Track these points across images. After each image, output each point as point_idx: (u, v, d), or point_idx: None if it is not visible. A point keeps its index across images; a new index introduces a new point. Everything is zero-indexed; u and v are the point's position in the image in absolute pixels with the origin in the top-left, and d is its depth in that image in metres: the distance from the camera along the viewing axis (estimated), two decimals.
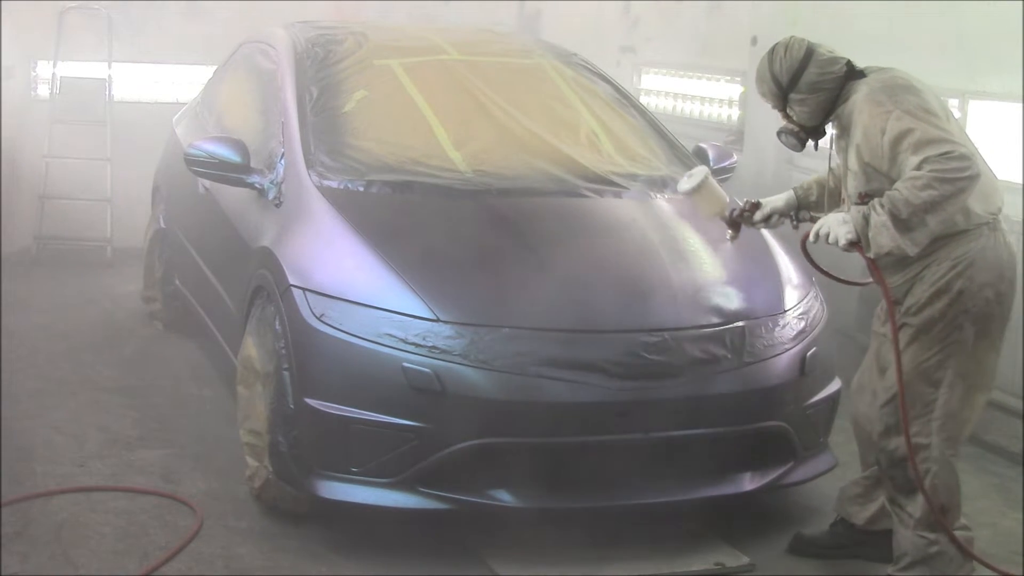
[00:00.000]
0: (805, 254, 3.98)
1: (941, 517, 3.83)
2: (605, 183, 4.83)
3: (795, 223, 4.22)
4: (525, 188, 4.73)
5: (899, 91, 3.75)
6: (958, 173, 3.54)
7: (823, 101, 3.90)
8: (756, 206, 4.19)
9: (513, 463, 3.98)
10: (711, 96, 8.21)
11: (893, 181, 3.66)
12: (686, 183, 4.20)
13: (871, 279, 3.87)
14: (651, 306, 4.17)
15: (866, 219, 3.65)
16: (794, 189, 4.23)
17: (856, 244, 3.69)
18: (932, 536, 3.86)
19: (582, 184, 4.78)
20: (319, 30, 5.64)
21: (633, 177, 4.91)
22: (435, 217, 4.52)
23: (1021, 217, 5.24)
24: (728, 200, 4.21)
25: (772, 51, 3.96)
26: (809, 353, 4.33)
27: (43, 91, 8.24)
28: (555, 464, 4.04)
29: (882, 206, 3.61)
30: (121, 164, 7.97)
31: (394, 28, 6.16)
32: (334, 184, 4.61)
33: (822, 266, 4.09)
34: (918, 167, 3.56)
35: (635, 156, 5.11)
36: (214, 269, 5.43)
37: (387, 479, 3.96)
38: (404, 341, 3.97)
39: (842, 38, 6.49)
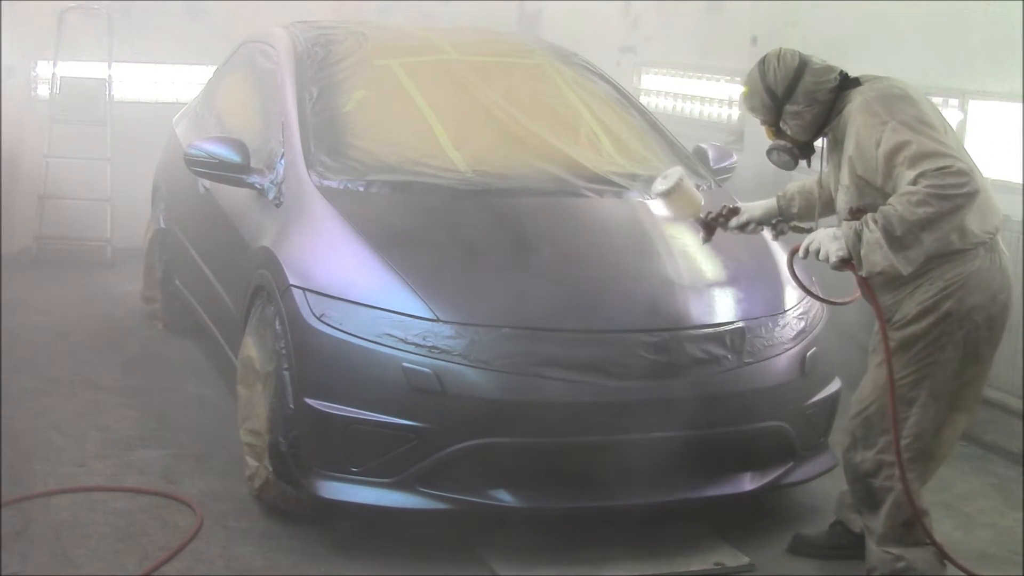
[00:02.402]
0: (791, 271, 3.87)
1: (921, 521, 3.75)
2: (605, 183, 4.82)
3: (774, 234, 4.18)
4: (525, 188, 4.72)
5: (895, 101, 3.64)
6: (956, 189, 3.42)
7: (818, 113, 3.77)
8: (734, 212, 4.12)
9: (513, 463, 3.99)
10: (711, 96, 8.21)
11: (887, 196, 3.55)
12: (661, 184, 4.08)
13: (857, 295, 3.80)
14: (651, 306, 4.18)
15: (858, 236, 3.53)
16: (776, 197, 4.15)
17: (847, 262, 3.57)
18: (897, 551, 3.81)
19: (582, 184, 4.78)
20: (319, 30, 5.63)
21: (633, 177, 4.91)
22: (435, 217, 4.51)
23: (1021, 217, 5.24)
24: (703, 202, 4.13)
25: (763, 62, 3.85)
26: (809, 353, 4.33)
27: (43, 91, 8.23)
28: (555, 464, 4.04)
29: (875, 222, 3.49)
30: (121, 164, 7.97)
31: (394, 28, 6.16)
32: (334, 184, 4.62)
33: (816, 279, 4.05)
34: (914, 182, 3.44)
35: (635, 156, 5.11)
36: (214, 269, 5.43)
37: (387, 479, 3.96)
38: (404, 341, 3.97)
39: (842, 38, 6.52)
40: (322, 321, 4.07)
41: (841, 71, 3.80)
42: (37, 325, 6.52)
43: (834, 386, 4.49)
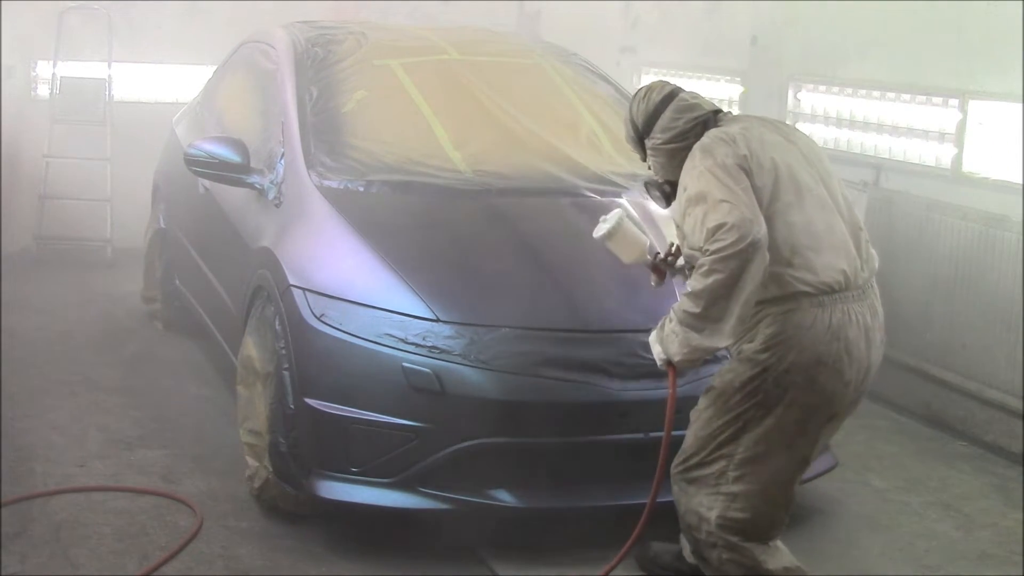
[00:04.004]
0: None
1: None
2: (605, 183, 4.82)
3: None
4: (525, 188, 4.73)
5: (715, 145, 3.40)
6: (734, 247, 3.18)
7: (677, 151, 3.52)
8: (680, 252, 3.83)
9: (513, 463, 3.99)
10: (711, 96, 8.19)
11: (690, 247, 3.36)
12: (601, 227, 3.82)
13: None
14: (651, 306, 4.16)
15: (661, 330, 3.44)
16: None
17: (671, 365, 3.44)
18: None
19: (582, 184, 4.78)
20: (319, 30, 5.63)
21: (633, 177, 4.90)
22: (435, 217, 4.52)
23: (1021, 217, 5.24)
24: (647, 243, 3.86)
25: (636, 93, 3.68)
26: None
27: (43, 91, 8.23)
28: (555, 464, 4.04)
29: (673, 312, 3.36)
30: (121, 164, 7.97)
31: (394, 28, 6.16)
32: (334, 184, 4.62)
33: None
34: (704, 251, 3.25)
35: (635, 156, 5.09)
36: (214, 269, 5.43)
37: (387, 479, 3.96)
38: (404, 341, 3.97)
39: (842, 38, 6.51)
40: (322, 321, 4.07)
41: (716, 111, 3.58)
42: (37, 325, 6.52)
43: None
